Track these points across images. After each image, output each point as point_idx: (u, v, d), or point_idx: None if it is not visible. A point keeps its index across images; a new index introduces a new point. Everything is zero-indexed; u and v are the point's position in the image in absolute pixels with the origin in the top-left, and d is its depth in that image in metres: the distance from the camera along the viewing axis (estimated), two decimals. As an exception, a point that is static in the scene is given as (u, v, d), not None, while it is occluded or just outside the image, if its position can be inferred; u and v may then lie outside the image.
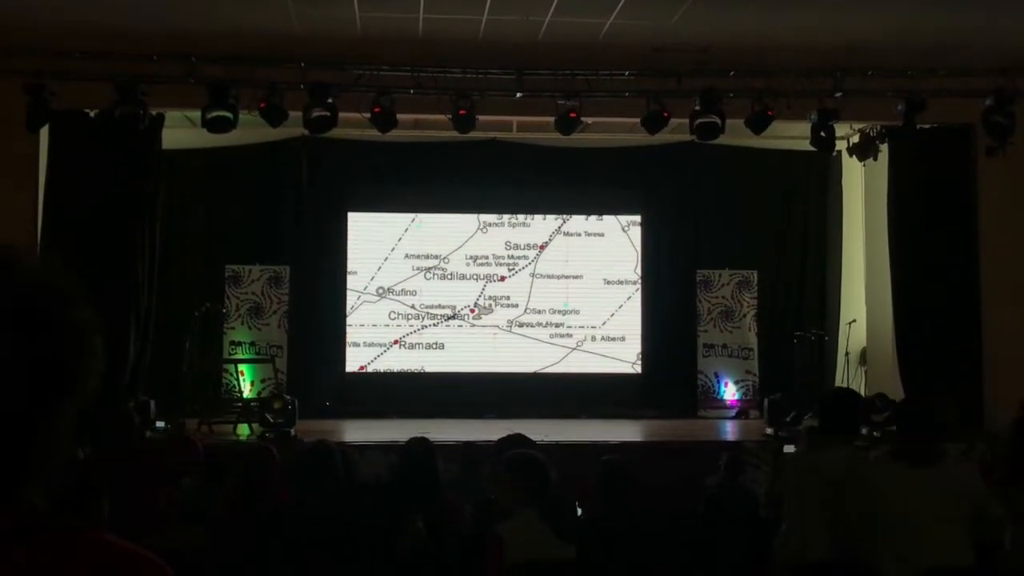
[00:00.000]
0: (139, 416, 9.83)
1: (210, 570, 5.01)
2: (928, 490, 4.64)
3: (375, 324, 13.37)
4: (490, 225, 13.57)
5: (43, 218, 11.14)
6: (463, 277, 13.48)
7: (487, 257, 13.54)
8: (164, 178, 12.09)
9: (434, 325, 13.43)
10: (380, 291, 13.38)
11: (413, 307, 13.42)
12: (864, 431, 10.86)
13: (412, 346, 13.39)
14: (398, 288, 13.40)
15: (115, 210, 11.24)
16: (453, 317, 13.43)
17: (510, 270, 13.56)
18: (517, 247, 13.58)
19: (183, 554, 4.73)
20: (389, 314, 13.38)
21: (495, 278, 13.53)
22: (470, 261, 13.51)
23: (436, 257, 13.46)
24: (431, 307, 13.43)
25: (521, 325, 13.50)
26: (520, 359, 13.45)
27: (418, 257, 13.45)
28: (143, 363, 11.53)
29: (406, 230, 13.45)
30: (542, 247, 13.62)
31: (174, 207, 12.66)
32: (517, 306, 13.52)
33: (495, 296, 13.51)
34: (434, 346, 13.40)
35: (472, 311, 13.48)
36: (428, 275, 13.45)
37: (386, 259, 13.40)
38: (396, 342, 13.37)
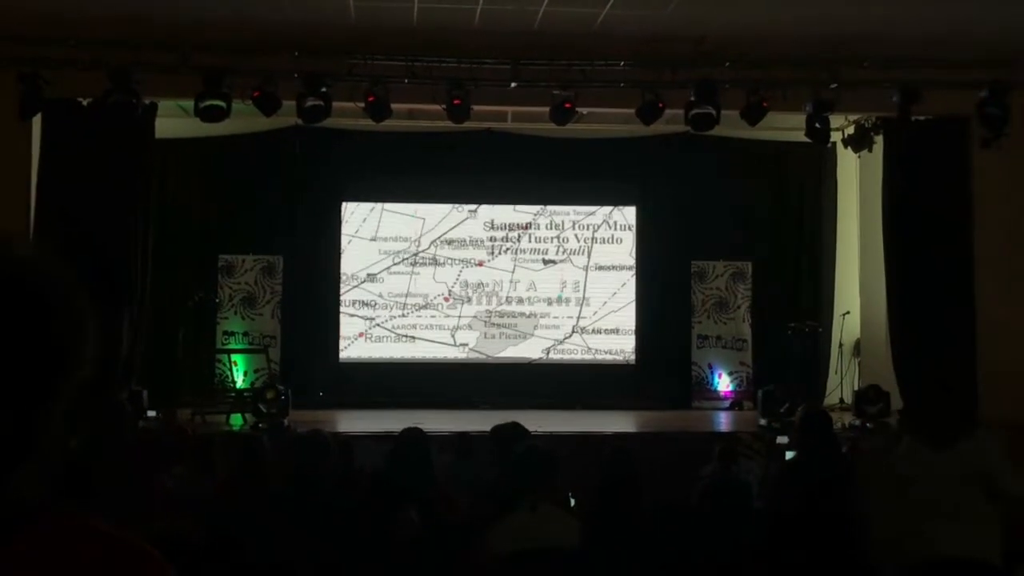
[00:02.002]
0: (131, 406, 9.83)
1: (202, 557, 5.00)
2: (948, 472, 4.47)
3: (368, 314, 13.35)
4: (483, 214, 13.54)
5: (35, 207, 11.10)
6: (456, 265, 13.46)
7: (481, 245, 13.52)
8: (157, 167, 12.04)
9: (427, 314, 13.41)
10: (373, 279, 13.36)
11: (406, 296, 13.40)
12: (857, 423, 10.92)
13: (406, 336, 13.37)
14: (391, 277, 13.38)
15: (108, 199, 11.18)
16: (447, 306, 13.42)
17: (504, 260, 13.53)
18: (511, 237, 13.57)
19: (174, 541, 4.71)
20: (383, 304, 13.36)
21: (489, 267, 13.51)
22: (464, 250, 13.49)
23: (429, 245, 13.44)
24: (424, 296, 13.41)
25: (515, 315, 13.49)
26: (514, 349, 13.45)
27: (411, 246, 13.43)
28: (136, 353, 11.50)
29: (399, 219, 13.42)
30: (536, 237, 13.60)
31: (167, 196, 12.61)
32: (511, 295, 13.51)
33: (489, 285, 13.49)
34: (428, 335, 13.39)
35: (466, 300, 13.46)
36: (421, 263, 13.43)
37: (379, 248, 13.38)
38: (390, 331, 13.36)
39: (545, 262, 13.60)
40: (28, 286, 1.29)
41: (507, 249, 13.57)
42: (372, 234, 13.40)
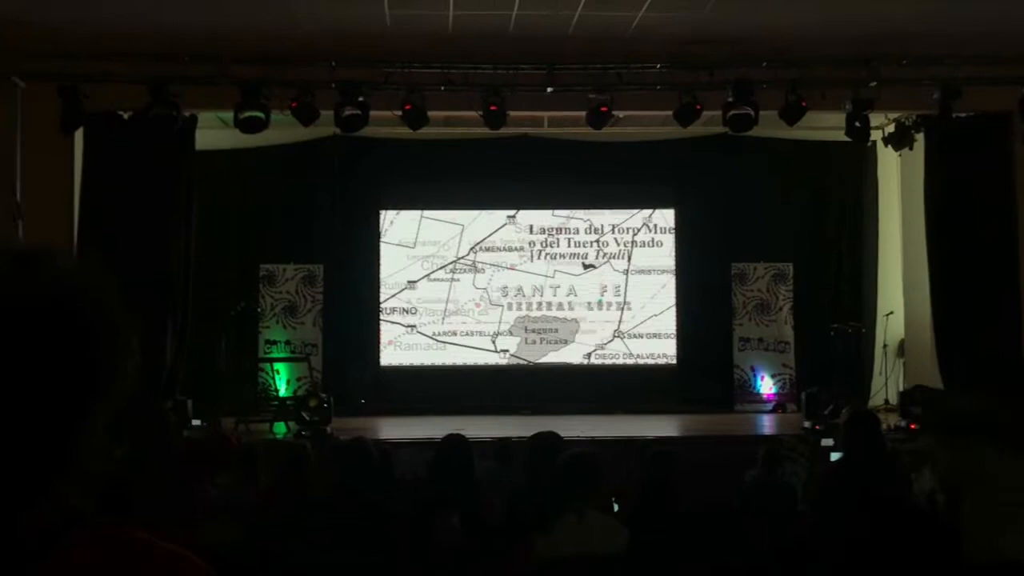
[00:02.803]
0: (176, 415, 9.93)
1: (246, 566, 5.02)
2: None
3: (409, 321, 13.39)
4: (521, 219, 13.54)
5: (79, 219, 11.23)
6: (496, 271, 13.47)
7: (520, 251, 13.52)
8: (197, 179, 12.14)
9: (468, 320, 13.43)
10: (412, 286, 13.39)
11: (446, 302, 13.42)
12: (903, 423, 10.79)
13: (446, 342, 13.39)
14: (430, 284, 13.42)
15: (150, 211, 11.28)
16: (487, 312, 13.42)
17: (543, 265, 13.52)
18: (550, 242, 13.55)
19: (218, 550, 4.74)
20: (423, 310, 13.39)
21: (529, 272, 13.50)
22: (503, 255, 13.49)
23: (468, 251, 13.46)
24: (465, 302, 13.43)
25: (555, 320, 13.48)
26: (555, 354, 13.43)
27: (450, 252, 13.45)
28: (180, 362, 11.59)
29: (438, 226, 13.45)
30: (576, 242, 13.58)
31: (208, 207, 12.70)
32: (551, 300, 13.50)
33: (528, 290, 13.49)
34: (468, 341, 13.40)
35: (506, 306, 13.46)
36: (460, 270, 13.45)
37: (418, 255, 13.42)
38: (430, 338, 13.39)
39: (585, 266, 13.57)
40: (70, 301, 1.29)
41: (546, 254, 13.55)
42: (411, 241, 13.44)
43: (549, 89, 10.86)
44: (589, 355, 13.50)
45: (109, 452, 1.36)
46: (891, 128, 12.38)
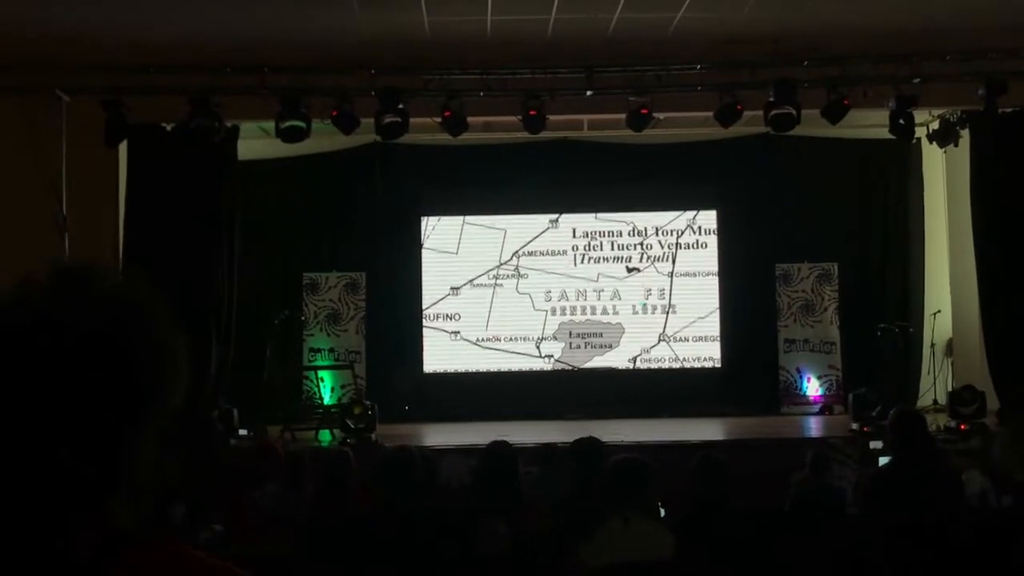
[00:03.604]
0: (223, 424, 10.00)
1: (295, 574, 5.04)
2: None
3: (452, 327, 13.40)
4: (564, 223, 13.50)
5: (124, 231, 11.37)
6: (540, 275, 13.44)
7: (564, 255, 13.47)
8: (240, 189, 12.24)
9: (512, 326, 13.40)
10: (456, 292, 13.40)
11: (490, 307, 13.41)
12: (952, 423, 10.64)
13: (490, 348, 13.38)
14: (474, 290, 13.41)
15: (194, 221, 11.40)
16: (525, 315, 13.39)
17: (587, 268, 13.47)
18: (594, 246, 13.50)
19: (268, 560, 4.76)
20: (466, 316, 13.39)
21: (573, 276, 13.45)
22: (547, 260, 13.46)
23: (512, 257, 13.44)
24: (503, 306, 13.41)
25: (600, 324, 13.42)
26: (600, 359, 13.38)
27: (494, 257, 13.44)
28: (225, 372, 11.69)
29: (480, 231, 13.46)
30: (619, 245, 13.52)
31: (251, 217, 12.79)
32: (596, 304, 13.44)
33: (573, 294, 13.44)
34: (512, 347, 13.38)
35: (550, 311, 13.42)
36: (504, 276, 13.43)
37: (461, 261, 13.43)
38: (474, 344, 13.38)
39: (629, 270, 13.51)
40: (117, 322, 1.30)
41: (590, 258, 13.50)
42: (454, 247, 13.44)
43: (588, 92, 10.84)
44: (635, 359, 13.43)
45: (160, 465, 1.37)
46: (936, 125, 12.22)
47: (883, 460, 7.48)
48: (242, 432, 10.64)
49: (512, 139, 12.28)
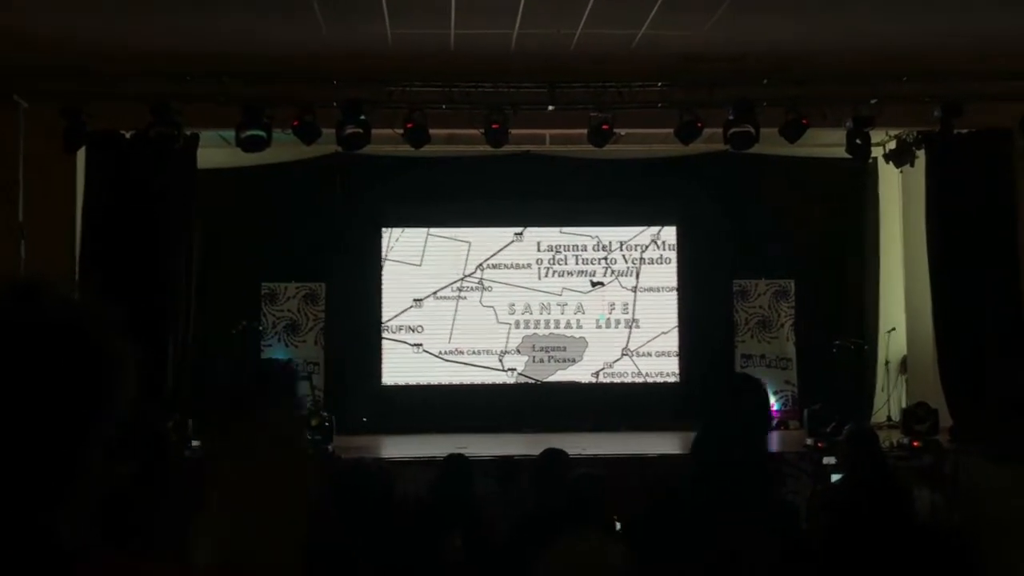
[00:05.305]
0: (177, 435, 9.90)
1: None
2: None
3: (414, 340, 13.37)
4: (528, 237, 13.52)
5: (82, 238, 11.25)
6: (499, 288, 13.44)
7: (527, 268, 13.48)
8: (200, 197, 12.16)
9: (474, 339, 13.38)
10: (419, 304, 13.37)
11: (453, 320, 13.39)
12: (905, 440, 10.76)
13: (452, 359, 13.36)
14: (437, 302, 13.39)
15: (152, 229, 11.33)
16: (489, 328, 13.38)
17: (551, 283, 13.47)
18: (558, 259, 13.51)
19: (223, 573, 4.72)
20: (428, 329, 13.36)
21: (536, 290, 13.46)
22: (511, 273, 13.47)
23: (476, 269, 13.44)
24: (467, 318, 13.40)
25: (562, 337, 13.44)
26: (562, 373, 13.39)
27: (458, 270, 13.43)
28: (182, 382, 11.59)
29: (444, 243, 13.45)
30: (584, 259, 13.55)
31: (209, 226, 12.70)
32: (559, 318, 13.46)
33: (537, 307, 13.45)
34: (475, 360, 13.36)
35: (514, 323, 13.42)
36: (467, 288, 13.43)
37: (424, 273, 13.40)
38: (436, 356, 13.35)
39: (593, 284, 13.54)
40: (69, 332, 1.30)
41: (555, 271, 13.52)
42: (418, 259, 13.42)
43: (551, 107, 10.89)
44: (597, 374, 13.46)
45: (111, 473, 1.36)
46: (892, 145, 12.39)
47: (835, 477, 7.55)
48: (195, 443, 10.53)
49: (474, 152, 12.29)
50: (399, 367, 13.33)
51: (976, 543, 4.52)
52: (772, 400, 13.13)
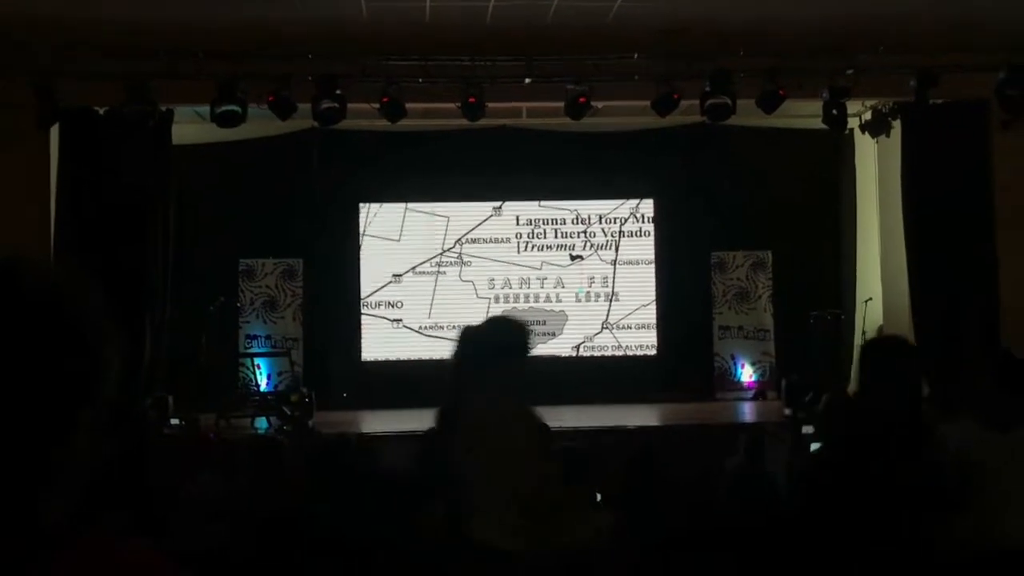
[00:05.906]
0: (156, 412, 9.88)
1: (231, 567, 5.01)
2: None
3: (394, 315, 13.35)
4: (507, 211, 13.50)
5: (56, 216, 11.17)
6: (478, 262, 13.44)
7: (506, 242, 13.47)
8: (175, 174, 12.07)
9: (454, 313, 13.37)
10: (398, 279, 13.34)
11: (432, 295, 13.37)
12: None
13: (432, 334, 13.35)
14: (416, 277, 13.37)
15: (127, 207, 11.26)
16: (468, 302, 13.37)
17: (530, 256, 13.48)
18: (537, 234, 13.51)
19: (205, 549, 4.73)
20: (408, 304, 13.35)
21: (516, 264, 13.46)
22: (490, 247, 13.46)
23: (455, 244, 13.42)
24: (446, 293, 13.39)
25: (542, 311, 13.44)
26: (543, 347, 13.39)
27: (437, 245, 13.40)
28: (160, 359, 11.55)
29: (422, 218, 13.41)
30: (563, 233, 13.54)
31: (186, 203, 12.62)
32: (539, 292, 13.47)
33: (517, 282, 13.45)
34: (451, 334, 13.35)
35: (494, 297, 13.41)
36: (446, 263, 13.41)
37: (403, 248, 13.37)
38: (416, 331, 13.34)
39: (572, 257, 13.55)
40: (50, 313, 1.28)
41: (534, 245, 13.52)
42: (396, 234, 13.38)
43: (527, 80, 10.85)
44: (578, 347, 13.49)
45: (93, 461, 1.35)
46: (868, 115, 12.42)
47: (815, 445, 7.59)
48: (174, 421, 10.52)
49: (451, 126, 12.23)
50: (378, 342, 13.32)
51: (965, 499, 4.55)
52: (750, 371, 13.21)
